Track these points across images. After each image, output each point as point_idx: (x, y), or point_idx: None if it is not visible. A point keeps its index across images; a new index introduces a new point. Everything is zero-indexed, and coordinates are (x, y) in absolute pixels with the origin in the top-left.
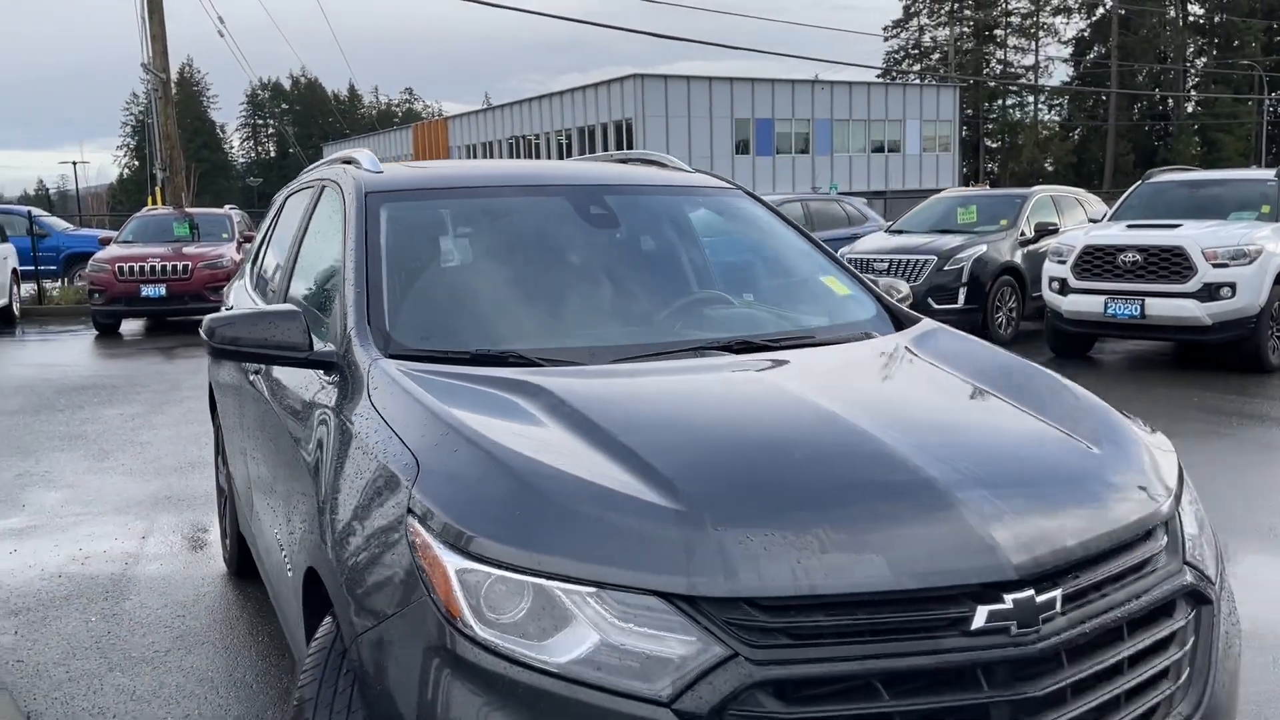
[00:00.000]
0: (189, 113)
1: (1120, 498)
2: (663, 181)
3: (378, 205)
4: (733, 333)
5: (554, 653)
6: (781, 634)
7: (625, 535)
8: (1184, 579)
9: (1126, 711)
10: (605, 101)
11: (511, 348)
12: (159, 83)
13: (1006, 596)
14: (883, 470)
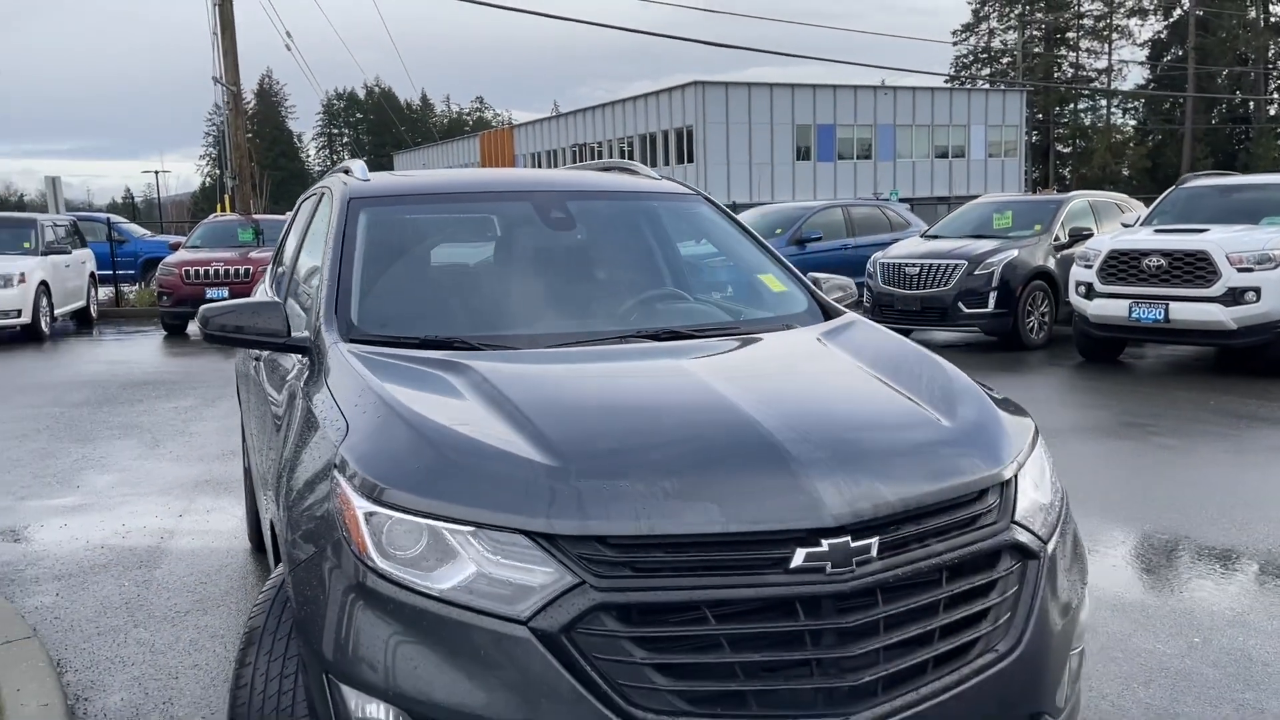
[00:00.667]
0: (268, 123)
1: (954, 464)
2: (625, 188)
3: (358, 210)
4: (661, 323)
5: (438, 581)
6: (625, 567)
7: (502, 485)
8: (1010, 536)
9: (942, 645)
10: (666, 109)
11: (457, 335)
12: (230, 95)
13: (824, 541)
14: (736, 436)
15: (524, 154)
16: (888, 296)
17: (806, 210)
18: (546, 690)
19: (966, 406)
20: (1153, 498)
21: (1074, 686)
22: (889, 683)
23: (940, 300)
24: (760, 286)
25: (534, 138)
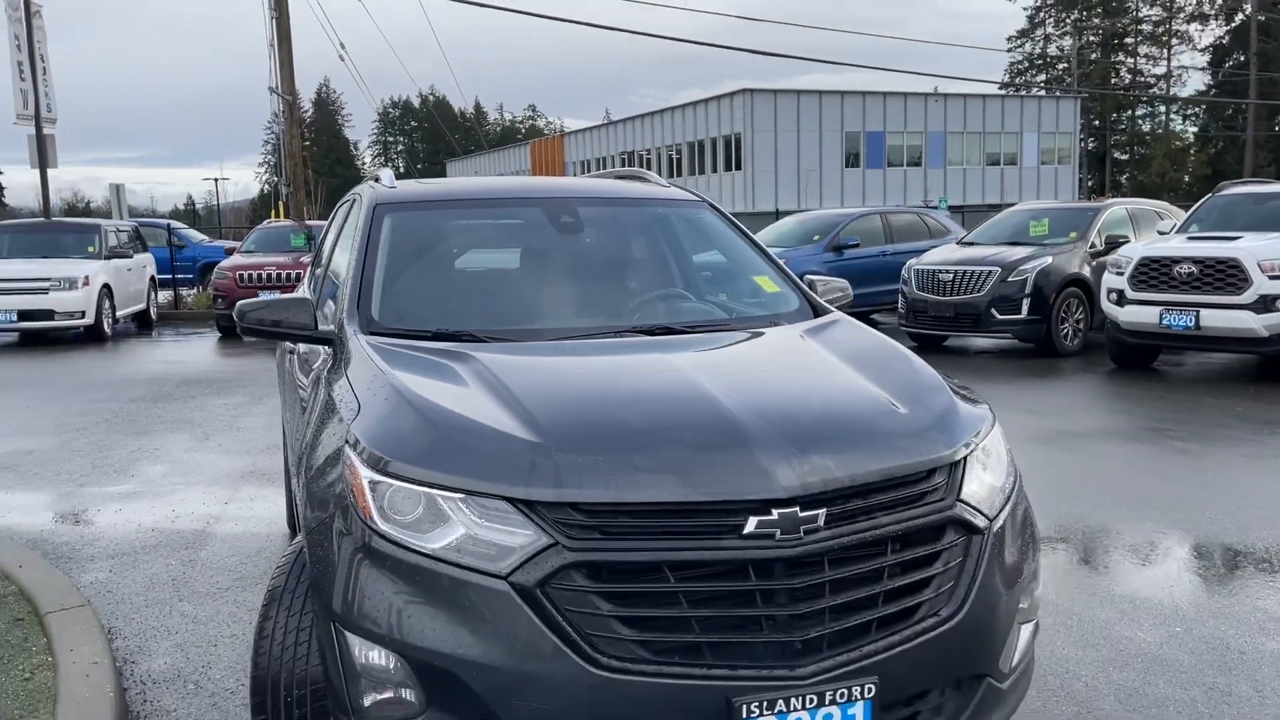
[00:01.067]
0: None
1: (904, 446)
2: (634, 195)
3: (382, 214)
4: (656, 320)
5: (432, 541)
6: (595, 530)
7: (491, 459)
8: (955, 512)
9: (886, 609)
10: (715, 116)
11: (467, 328)
12: (285, 104)
13: (775, 511)
14: (703, 418)
15: (574, 161)
16: (921, 303)
17: (845, 217)
18: (523, 637)
19: (924, 396)
20: (1158, 497)
21: (1024, 657)
22: (834, 640)
23: (973, 307)
24: (755, 287)
25: (584, 145)
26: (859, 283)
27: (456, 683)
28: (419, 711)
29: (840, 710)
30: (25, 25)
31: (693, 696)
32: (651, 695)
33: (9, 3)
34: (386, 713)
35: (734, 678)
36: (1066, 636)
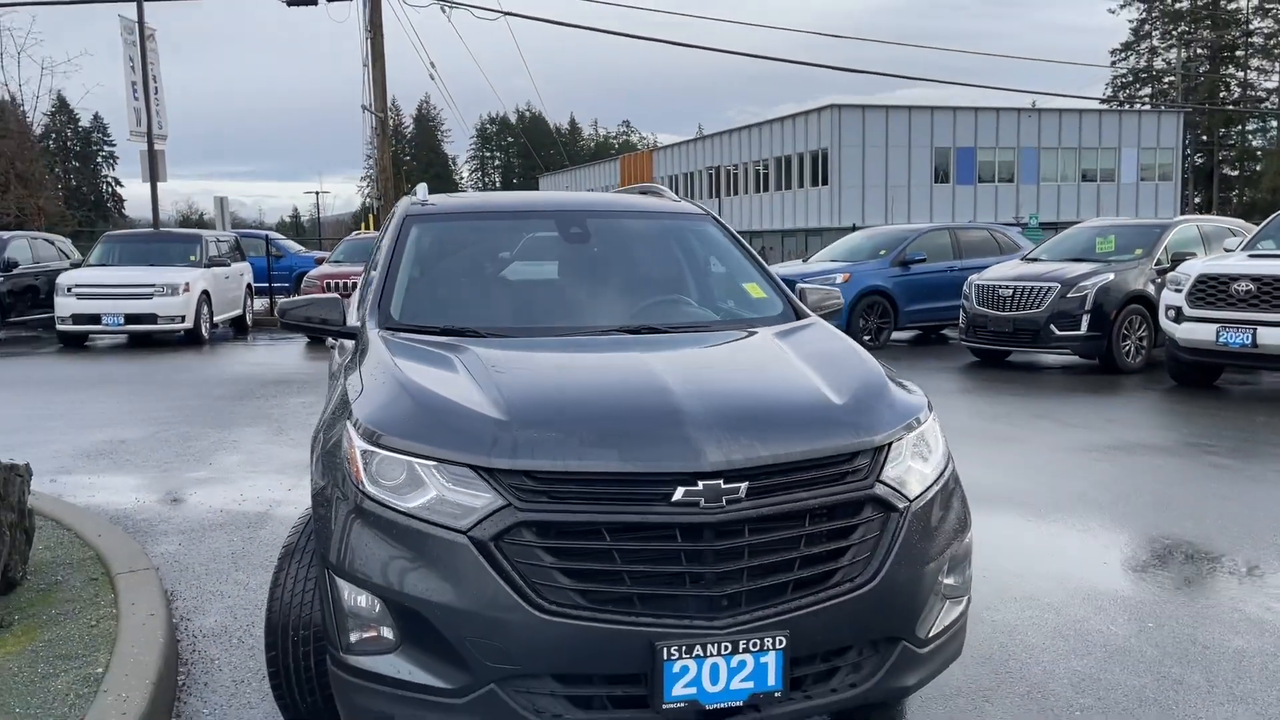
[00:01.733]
0: (424, 146)
1: (830, 432)
2: (643, 208)
3: (410, 225)
4: (643, 321)
5: (409, 501)
6: (543, 494)
7: (462, 433)
8: (874, 492)
9: (802, 573)
10: (802, 132)
11: (471, 326)
12: (377, 121)
13: (700, 482)
14: (650, 403)
15: (662, 176)
16: (981, 318)
17: (912, 233)
18: (478, 584)
19: (861, 389)
20: (1172, 506)
21: (949, 629)
22: (751, 597)
23: (1032, 322)
24: (744, 294)
25: (672, 161)
26: (925, 298)
27: (424, 622)
28: (394, 647)
29: (753, 659)
30: (140, 48)
31: (621, 640)
32: (586, 637)
33: (124, 26)
34: (368, 648)
35: (658, 625)
36: (1039, 628)
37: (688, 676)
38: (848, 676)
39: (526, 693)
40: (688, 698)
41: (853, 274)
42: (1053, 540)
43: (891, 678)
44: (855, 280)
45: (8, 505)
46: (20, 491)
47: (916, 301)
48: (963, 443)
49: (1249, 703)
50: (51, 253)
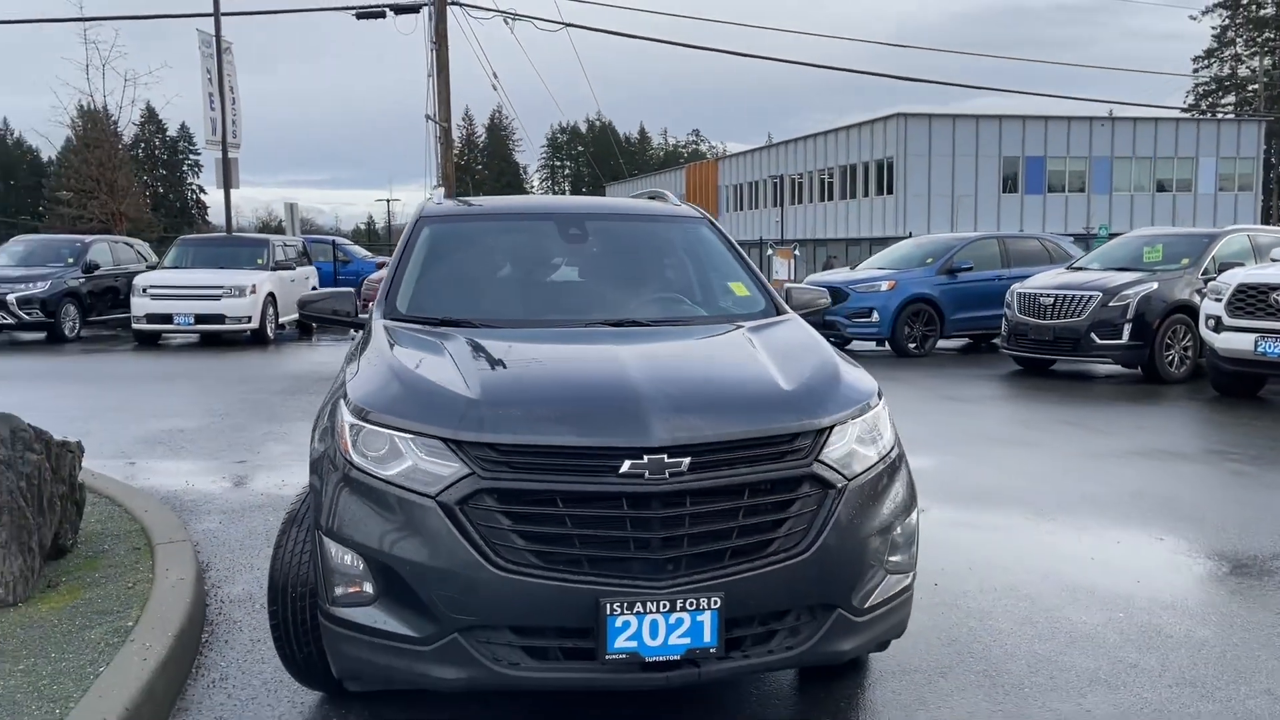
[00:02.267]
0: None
1: (773, 415)
2: (641, 211)
3: (422, 226)
4: (626, 315)
5: (387, 470)
6: (504, 465)
7: (437, 410)
8: (812, 470)
9: (739, 541)
10: (868, 141)
11: (466, 317)
12: (441, 131)
13: (646, 456)
14: (609, 385)
15: (726, 185)
16: (1022, 326)
17: (960, 241)
18: (444, 543)
19: (813, 379)
20: (1175, 508)
21: (890, 602)
22: (690, 562)
23: (1073, 331)
24: (729, 292)
25: (737, 170)
26: (972, 306)
27: (398, 578)
28: (373, 600)
29: (690, 617)
30: (216, 60)
31: (569, 596)
32: (537, 593)
33: (202, 40)
34: (351, 601)
35: (603, 584)
36: (1011, 615)
37: (629, 631)
38: (785, 640)
39: (486, 643)
40: (629, 650)
41: (898, 281)
42: (1045, 537)
43: (827, 643)
44: (900, 288)
45: (59, 478)
46: (71, 466)
47: (963, 310)
48: (984, 446)
49: (1197, 686)
50: (130, 256)
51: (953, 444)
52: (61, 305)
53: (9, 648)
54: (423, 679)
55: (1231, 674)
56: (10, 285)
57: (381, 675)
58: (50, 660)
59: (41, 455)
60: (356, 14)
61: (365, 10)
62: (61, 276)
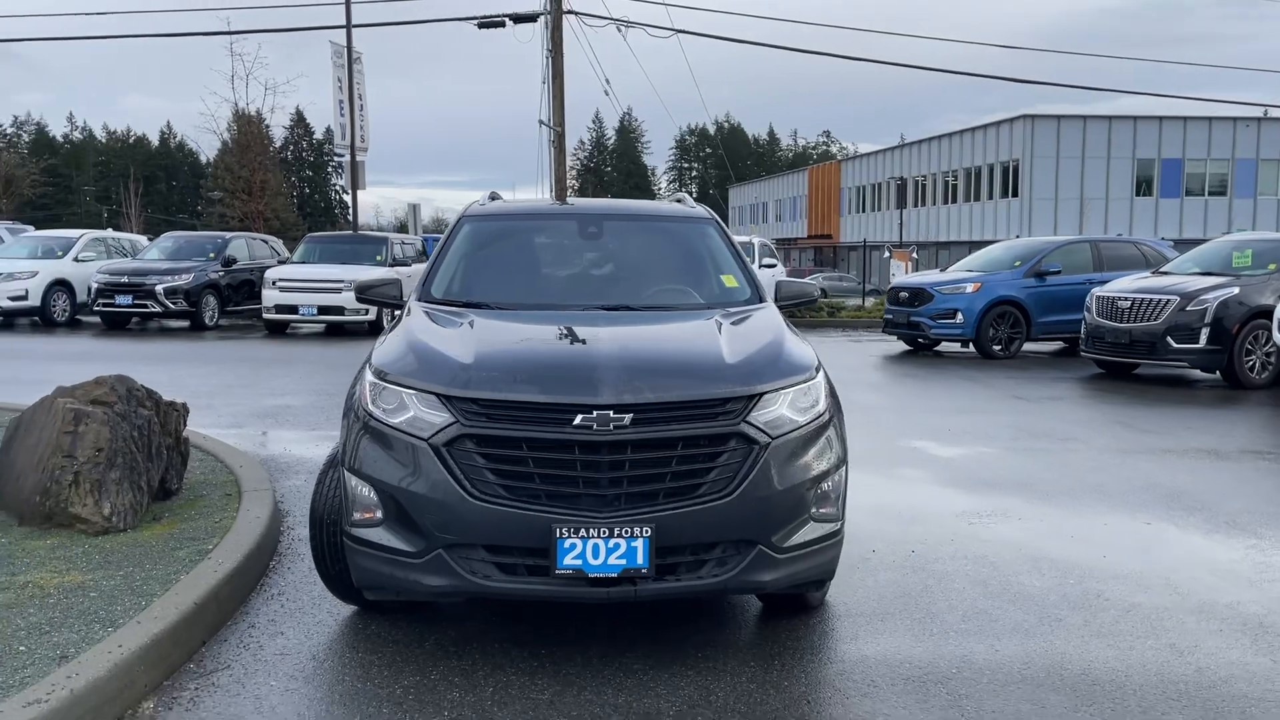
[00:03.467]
0: (625, 158)
1: (709, 383)
2: (654, 212)
3: (463, 224)
4: (620, 301)
5: (395, 419)
6: (483, 415)
7: (437, 372)
8: (738, 429)
9: (672, 485)
10: (993, 143)
11: (485, 300)
12: (555, 135)
13: (595, 411)
14: (576, 357)
15: (849, 187)
16: (1099, 329)
17: (1050, 244)
18: (433, 477)
19: (757, 355)
20: (1181, 498)
21: (811, 544)
22: (629, 499)
23: (1149, 334)
24: (721, 283)
25: (861, 171)
26: (1061, 309)
27: (399, 504)
28: (381, 522)
29: (626, 543)
30: (347, 70)
31: (529, 521)
32: (504, 519)
33: (334, 51)
34: (365, 523)
35: (555, 513)
36: (969, 577)
37: (575, 551)
38: (714, 569)
39: (465, 558)
40: (575, 567)
41: (984, 283)
42: (1039, 520)
43: (749, 573)
44: (986, 290)
45: (166, 432)
46: (176, 423)
47: (1051, 313)
48: (1024, 440)
49: (1108, 638)
50: (265, 251)
51: (994, 439)
52: (202, 296)
53: (114, 560)
54: (416, 586)
55: (1146, 630)
56: (159, 277)
57: (387, 583)
58: (144, 570)
59: (151, 411)
60: (478, 23)
61: (486, 20)
62: (203, 270)
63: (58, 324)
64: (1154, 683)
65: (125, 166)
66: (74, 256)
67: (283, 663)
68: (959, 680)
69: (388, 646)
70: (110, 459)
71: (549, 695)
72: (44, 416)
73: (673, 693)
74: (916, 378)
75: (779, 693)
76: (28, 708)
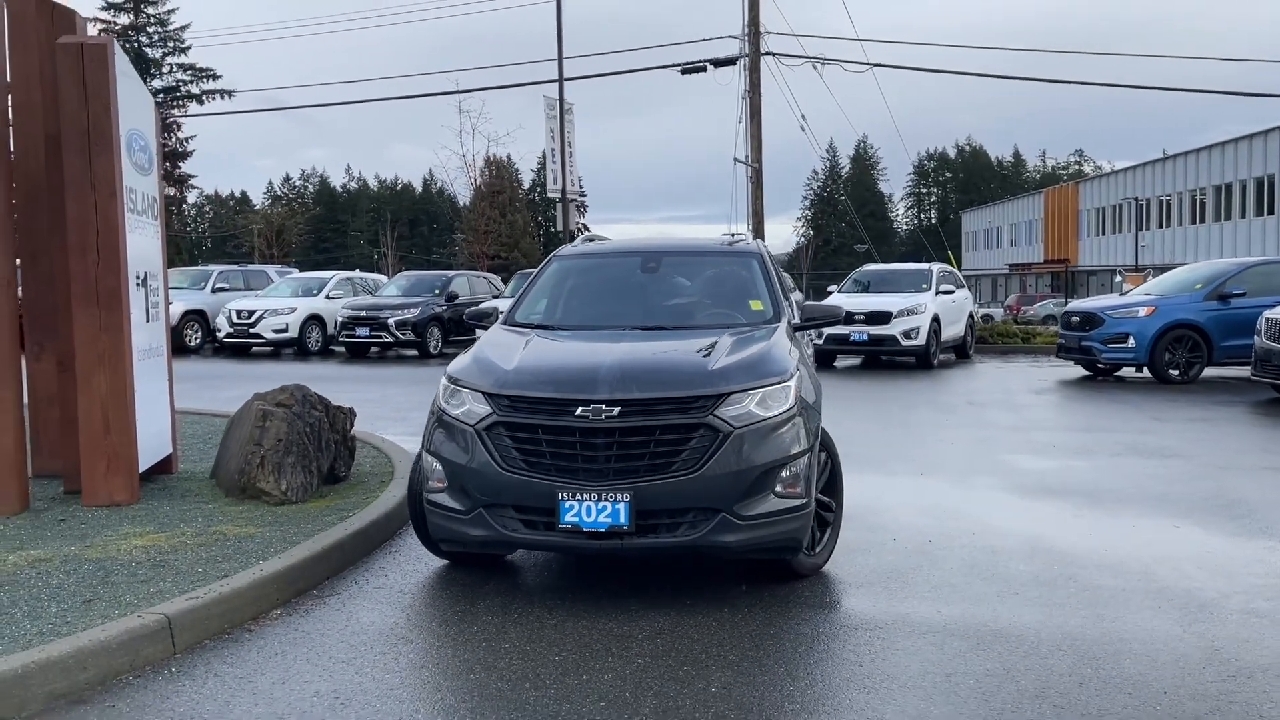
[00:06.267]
0: (860, 185)
1: (687, 385)
2: (705, 248)
3: (551, 260)
4: (655, 323)
5: (455, 410)
6: (512, 408)
7: (486, 376)
8: (705, 420)
9: (653, 461)
10: (1245, 157)
11: (550, 323)
12: (752, 171)
13: (591, 404)
14: (587, 365)
15: (1088, 209)
16: (1267, 352)
17: (1235, 267)
18: (477, 453)
19: (736, 364)
20: (1238, 506)
21: (770, 515)
22: (616, 473)
23: None
24: (748, 307)
25: (1099, 192)
26: (1245, 333)
27: (456, 475)
28: (444, 489)
29: (611, 505)
30: (559, 120)
31: (541, 488)
32: (523, 485)
33: (547, 104)
34: (435, 489)
35: (560, 481)
36: (962, 561)
37: (573, 511)
38: (687, 530)
39: (499, 515)
40: (573, 523)
41: (1158, 307)
42: (1073, 520)
43: (715, 535)
44: (1160, 313)
45: (334, 430)
46: (344, 423)
47: (1235, 337)
48: (1119, 455)
49: (1047, 608)
50: (484, 287)
51: (1093, 454)
52: (428, 328)
53: (280, 521)
54: (466, 536)
55: (1086, 603)
56: (391, 311)
57: (449, 535)
58: (299, 527)
59: (321, 413)
60: (681, 70)
61: (689, 67)
62: (429, 305)
63: (312, 353)
64: (1054, 637)
65: (392, 212)
66: (325, 294)
67: (378, 594)
68: (887, 629)
69: (454, 586)
70: (287, 447)
71: (555, 620)
72: (245, 415)
73: (649, 624)
74: (1064, 399)
75: (732, 627)
76: (188, 600)
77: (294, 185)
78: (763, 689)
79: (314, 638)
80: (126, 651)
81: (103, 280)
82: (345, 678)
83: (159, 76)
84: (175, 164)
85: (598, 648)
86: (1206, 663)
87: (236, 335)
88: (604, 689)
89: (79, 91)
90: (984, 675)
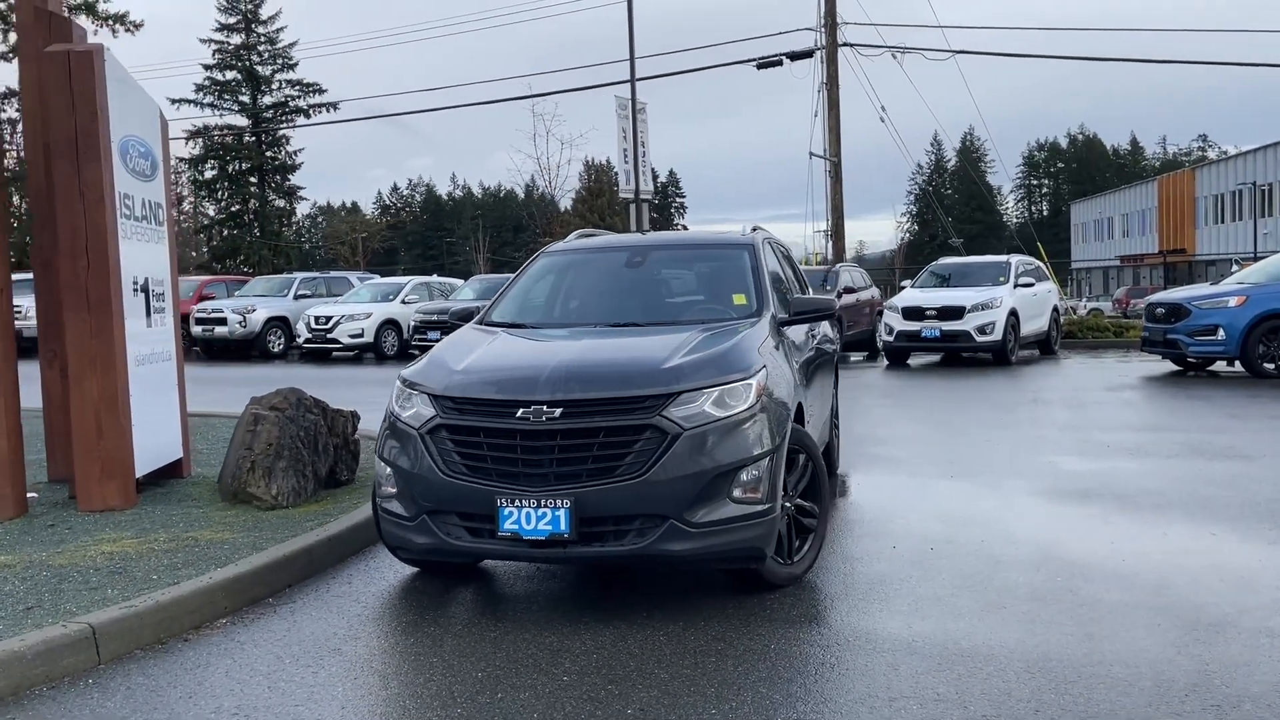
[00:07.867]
0: (965, 179)
1: (635, 385)
2: (696, 241)
3: (538, 257)
4: (628, 319)
5: (404, 413)
6: (455, 410)
7: (434, 377)
8: (653, 422)
9: (596, 465)
10: None
11: (520, 321)
12: (830, 165)
13: (533, 406)
14: (533, 365)
15: (1205, 195)
16: None
17: None
18: (421, 458)
19: (694, 361)
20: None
21: (723, 522)
22: (557, 477)
23: None
24: (731, 301)
25: (1216, 178)
26: None
27: (403, 480)
28: (395, 495)
29: (551, 512)
30: (631, 120)
31: (481, 493)
32: (464, 490)
33: (619, 104)
34: (386, 495)
35: (499, 487)
36: (957, 573)
37: (512, 518)
38: (634, 538)
39: (442, 522)
40: (512, 530)
41: (1250, 297)
42: (1099, 527)
43: (663, 543)
44: (1252, 303)
45: (334, 433)
46: (345, 426)
47: None
48: (1176, 455)
49: (1033, 624)
50: None
51: (1147, 455)
52: None
53: (260, 526)
54: (411, 543)
55: (1079, 620)
56: None
57: (398, 542)
58: (274, 533)
59: (318, 416)
60: (757, 65)
61: (764, 61)
62: None
63: (388, 357)
64: (1028, 658)
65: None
66: (401, 299)
67: (334, 603)
68: (845, 647)
69: (415, 595)
70: (278, 451)
71: (497, 632)
72: (241, 420)
73: (592, 637)
74: (1139, 396)
75: (679, 642)
76: (121, 609)
77: (401, 195)
78: (682, 711)
79: (245, 648)
80: (44, 662)
81: (93, 286)
82: (256, 693)
83: (269, 93)
84: (285, 177)
85: (527, 663)
86: (1190, 690)
87: (315, 341)
88: (513, 709)
89: (66, 99)
90: (932, 700)
